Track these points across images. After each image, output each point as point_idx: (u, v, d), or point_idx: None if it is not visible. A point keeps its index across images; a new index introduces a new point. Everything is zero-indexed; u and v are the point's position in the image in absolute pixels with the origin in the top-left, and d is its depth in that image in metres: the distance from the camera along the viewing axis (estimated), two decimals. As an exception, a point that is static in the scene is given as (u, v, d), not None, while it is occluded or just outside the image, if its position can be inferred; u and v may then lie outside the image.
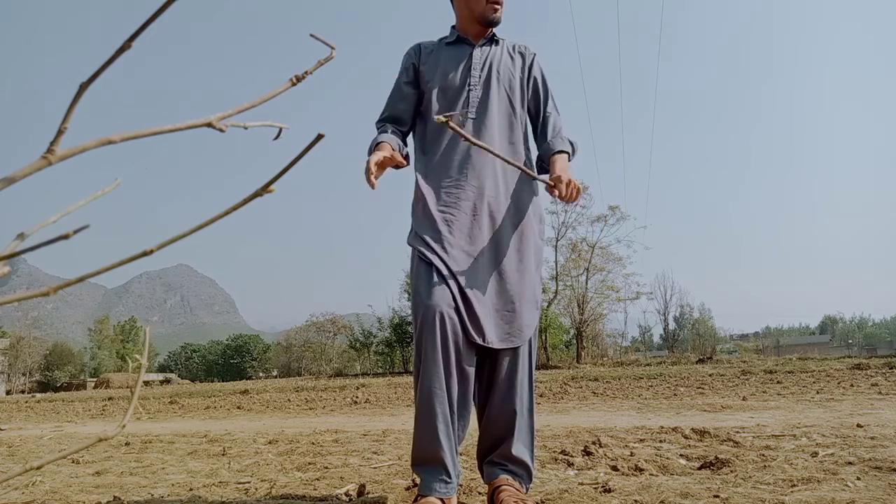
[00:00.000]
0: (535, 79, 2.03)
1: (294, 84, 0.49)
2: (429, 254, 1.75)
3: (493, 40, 2.03)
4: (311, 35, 0.58)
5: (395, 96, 2.03)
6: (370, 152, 1.83)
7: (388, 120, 2.02)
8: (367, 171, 1.72)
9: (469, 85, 1.94)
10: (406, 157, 1.93)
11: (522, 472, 1.77)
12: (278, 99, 0.49)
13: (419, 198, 1.88)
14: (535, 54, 2.06)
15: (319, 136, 0.45)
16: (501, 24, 2.02)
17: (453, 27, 2.06)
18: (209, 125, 0.44)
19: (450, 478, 1.68)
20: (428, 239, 1.78)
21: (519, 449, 1.77)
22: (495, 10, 1.96)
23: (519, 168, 1.65)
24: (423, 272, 1.75)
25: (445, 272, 1.72)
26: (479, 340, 1.72)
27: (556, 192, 1.78)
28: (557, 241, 24.79)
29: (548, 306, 24.37)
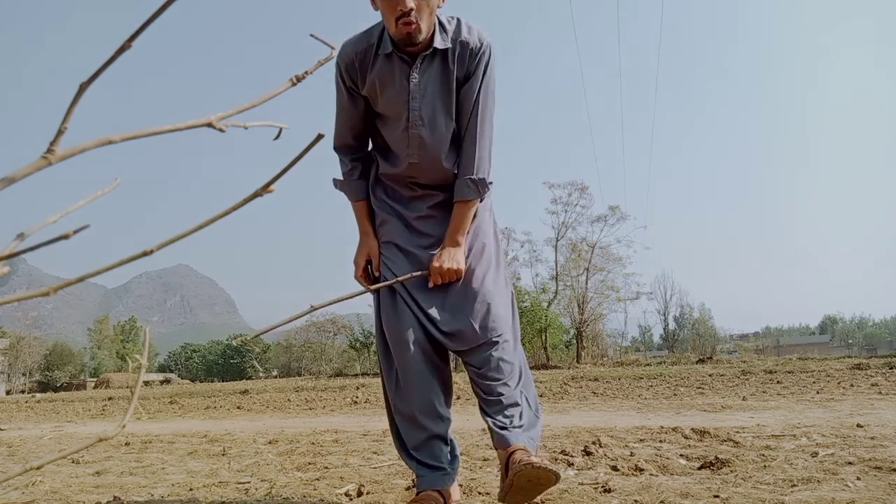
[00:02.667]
0: (471, 78, 1.70)
1: (294, 84, 0.49)
2: (386, 273, 1.75)
3: (434, 53, 1.68)
4: (312, 35, 0.58)
5: (342, 126, 1.82)
6: (351, 198, 1.87)
7: (345, 151, 1.85)
8: (359, 281, 1.84)
9: (409, 122, 1.71)
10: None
11: (531, 442, 1.72)
12: (279, 99, 0.49)
13: (378, 208, 1.86)
14: (480, 46, 1.69)
15: (319, 136, 0.45)
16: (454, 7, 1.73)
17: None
18: (209, 125, 0.44)
19: (446, 468, 1.71)
20: (385, 259, 1.79)
21: (522, 424, 1.73)
22: (409, 32, 1.59)
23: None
24: (385, 294, 1.76)
25: (405, 293, 1.72)
26: (451, 346, 1.72)
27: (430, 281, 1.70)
28: (557, 241, 24.82)
29: (548, 306, 24.37)
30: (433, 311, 1.71)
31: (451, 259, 1.70)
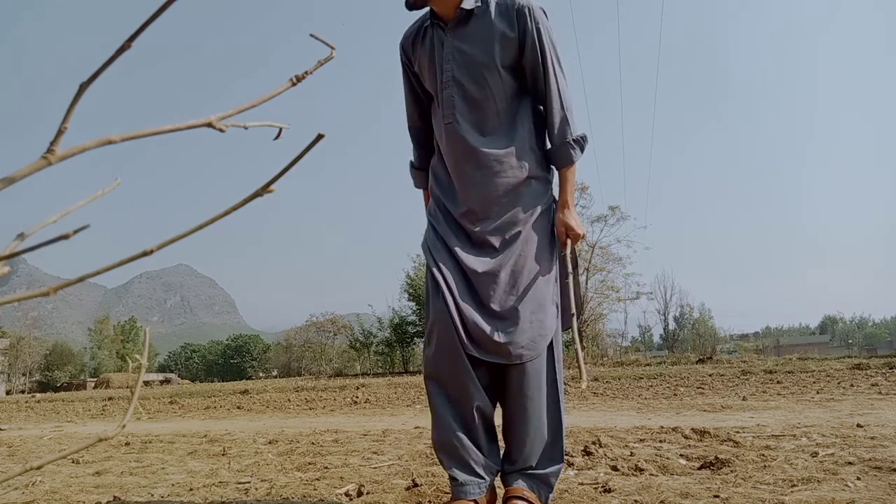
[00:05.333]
0: (528, 42, 1.68)
1: (294, 84, 0.49)
2: (434, 270, 1.71)
3: (469, 16, 1.69)
4: (312, 35, 0.58)
5: (409, 106, 1.91)
6: (416, 185, 2.01)
7: (413, 132, 1.95)
8: None
9: (442, 83, 1.72)
10: None
11: (541, 485, 1.68)
12: (279, 99, 0.49)
13: (432, 198, 1.86)
14: (526, 7, 1.67)
15: (320, 136, 0.45)
16: None
17: None
18: (209, 125, 0.44)
19: (482, 476, 1.65)
20: (433, 251, 1.75)
21: (536, 461, 1.70)
22: None
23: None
24: (431, 284, 1.73)
25: (444, 288, 1.66)
26: (479, 356, 1.64)
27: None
28: (557, 241, 24.73)
29: (548, 306, 24.28)
30: (468, 313, 1.64)
31: (573, 220, 1.75)
